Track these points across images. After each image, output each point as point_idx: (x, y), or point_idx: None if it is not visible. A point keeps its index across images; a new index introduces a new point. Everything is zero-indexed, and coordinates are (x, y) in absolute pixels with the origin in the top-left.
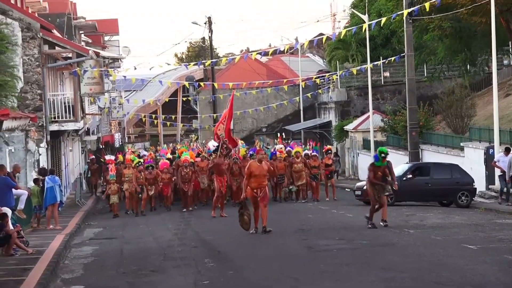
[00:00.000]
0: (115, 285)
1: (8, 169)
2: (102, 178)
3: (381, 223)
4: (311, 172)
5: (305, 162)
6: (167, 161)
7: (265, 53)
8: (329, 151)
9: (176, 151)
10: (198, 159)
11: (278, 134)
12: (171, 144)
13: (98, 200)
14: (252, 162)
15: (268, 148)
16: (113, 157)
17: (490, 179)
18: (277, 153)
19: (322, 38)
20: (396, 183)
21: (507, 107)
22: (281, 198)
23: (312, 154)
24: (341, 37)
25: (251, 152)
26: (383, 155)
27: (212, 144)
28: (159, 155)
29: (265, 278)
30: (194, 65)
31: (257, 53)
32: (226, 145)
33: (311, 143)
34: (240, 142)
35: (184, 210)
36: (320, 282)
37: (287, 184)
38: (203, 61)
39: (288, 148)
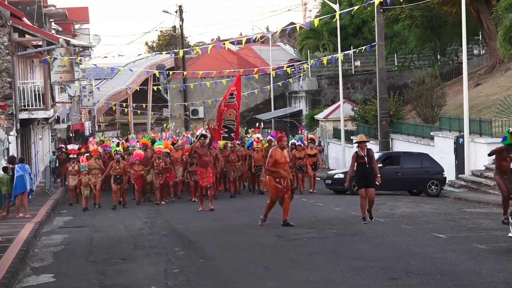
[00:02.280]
0: (85, 273)
1: None
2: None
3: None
4: (296, 163)
5: (288, 152)
6: (141, 152)
7: (238, 42)
8: (311, 141)
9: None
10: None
11: (257, 124)
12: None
13: (67, 190)
14: (274, 149)
15: (247, 137)
16: (76, 147)
17: (459, 168)
18: (254, 143)
19: (295, 26)
20: None
21: (477, 97)
22: (259, 190)
23: (297, 144)
24: (312, 27)
25: (268, 138)
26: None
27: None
28: (131, 145)
29: (235, 266)
30: (166, 53)
31: (230, 42)
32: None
33: (303, 130)
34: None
35: (157, 203)
36: (290, 271)
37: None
38: (175, 50)
39: (269, 137)
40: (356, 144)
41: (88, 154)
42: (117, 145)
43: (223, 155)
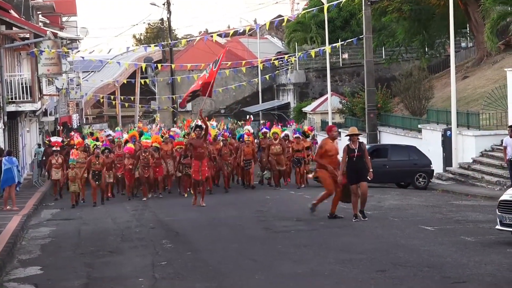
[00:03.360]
0: (72, 266)
1: None
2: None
3: None
4: (294, 156)
5: (283, 144)
6: (131, 145)
7: (226, 35)
8: (308, 133)
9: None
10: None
11: (248, 116)
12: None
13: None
14: (326, 140)
15: (238, 129)
16: (59, 139)
17: (447, 161)
18: (245, 136)
19: (283, 19)
20: None
21: (464, 89)
22: (250, 185)
23: (295, 136)
24: (300, 19)
25: (263, 130)
26: None
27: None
28: (117, 138)
29: (223, 259)
30: (155, 46)
31: (217, 35)
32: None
33: (292, 124)
34: (211, 123)
35: (144, 199)
36: (278, 263)
37: (262, 169)
38: (163, 43)
39: (264, 129)
40: (348, 138)
41: (65, 148)
42: (108, 136)
43: (214, 148)
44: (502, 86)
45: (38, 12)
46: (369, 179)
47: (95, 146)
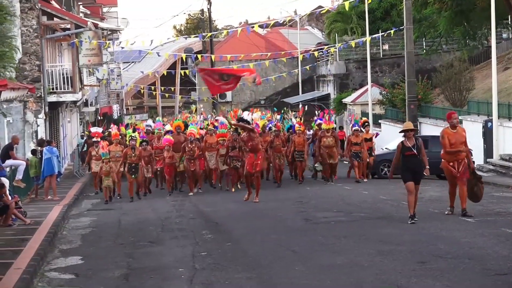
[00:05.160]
0: (112, 256)
1: (7, 141)
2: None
3: None
4: (352, 149)
5: (336, 136)
6: (170, 137)
7: (266, 26)
8: (367, 124)
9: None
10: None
11: (300, 106)
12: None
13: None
14: (445, 129)
15: (290, 119)
16: (100, 130)
17: (488, 152)
18: (297, 125)
19: (323, 10)
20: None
21: (505, 81)
22: (301, 179)
23: (354, 128)
24: (341, 10)
25: (269, 126)
26: None
27: (247, 114)
28: (157, 129)
29: (263, 250)
30: (194, 37)
31: (258, 26)
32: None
33: (325, 114)
34: (260, 113)
35: (191, 194)
36: (317, 254)
37: (314, 162)
38: (203, 34)
39: (319, 121)
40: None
41: (105, 139)
42: (147, 126)
43: (264, 139)
44: None
45: (79, 3)
46: (426, 175)
47: (130, 137)
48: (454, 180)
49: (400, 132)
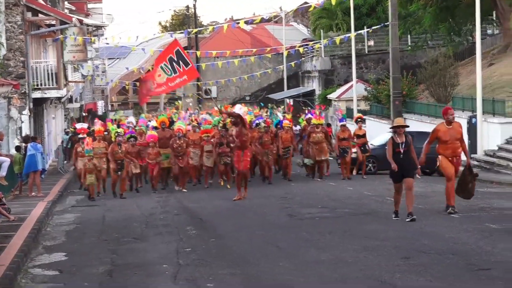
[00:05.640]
0: (97, 252)
1: None
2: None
3: None
4: (340, 145)
5: (325, 132)
6: (155, 133)
7: (252, 22)
8: (360, 119)
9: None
10: (189, 128)
11: (288, 101)
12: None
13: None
14: (440, 124)
15: (277, 115)
16: (86, 126)
17: (472, 148)
18: (285, 121)
19: (309, 6)
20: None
21: (490, 77)
22: (287, 177)
23: (341, 124)
24: (326, 6)
25: (256, 121)
26: None
27: (239, 108)
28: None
29: (248, 246)
30: (180, 33)
31: (244, 22)
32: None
33: (316, 109)
34: (246, 109)
35: (177, 188)
36: (302, 250)
37: (303, 157)
38: (189, 30)
39: (309, 115)
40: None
41: (91, 135)
42: (129, 123)
43: (251, 135)
44: None
45: None
46: (418, 177)
47: (116, 134)
48: (452, 176)
49: (390, 128)
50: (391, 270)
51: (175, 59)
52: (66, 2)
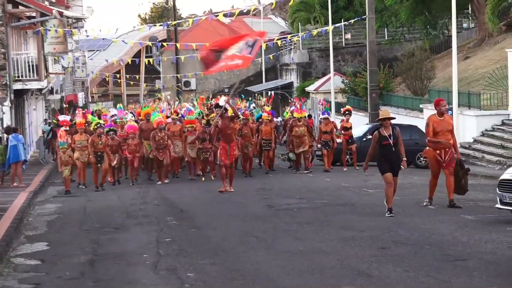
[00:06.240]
0: (78, 242)
1: None
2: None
3: None
4: (322, 138)
5: (307, 125)
6: (134, 124)
7: (231, 14)
8: (348, 112)
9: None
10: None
11: (269, 93)
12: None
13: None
14: (431, 116)
15: (255, 108)
16: (68, 118)
17: None
18: (264, 114)
19: None
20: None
21: (465, 70)
22: (268, 168)
23: (324, 116)
24: None
25: (292, 108)
26: None
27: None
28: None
29: (227, 236)
30: (159, 25)
31: (223, 15)
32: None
33: (296, 102)
34: (244, 105)
35: (159, 182)
36: (280, 241)
37: (288, 151)
38: (168, 22)
39: (293, 108)
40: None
41: (68, 128)
42: (113, 116)
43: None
44: (503, 67)
45: None
46: (403, 168)
47: (98, 125)
48: (437, 170)
49: (377, 120)
50: (368, 260)
51: (250, 43)
52: None
